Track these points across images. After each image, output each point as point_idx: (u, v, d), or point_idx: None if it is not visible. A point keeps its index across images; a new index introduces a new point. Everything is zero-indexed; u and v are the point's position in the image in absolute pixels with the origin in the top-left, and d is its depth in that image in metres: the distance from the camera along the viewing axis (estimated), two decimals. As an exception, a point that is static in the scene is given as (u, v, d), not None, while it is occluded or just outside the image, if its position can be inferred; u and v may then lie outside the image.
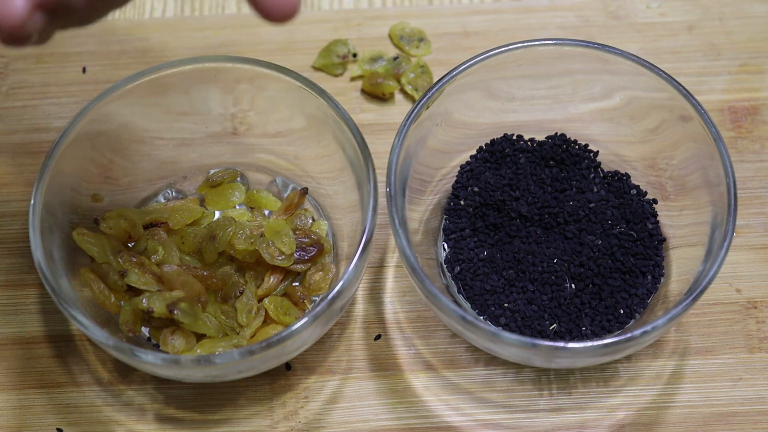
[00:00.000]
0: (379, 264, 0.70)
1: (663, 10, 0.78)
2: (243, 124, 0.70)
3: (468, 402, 0.66)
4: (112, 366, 0.67)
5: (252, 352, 0.59)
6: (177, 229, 0.67)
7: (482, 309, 0.66)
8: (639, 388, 0.66)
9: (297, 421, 0.65)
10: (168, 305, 0.62)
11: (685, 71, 0.76)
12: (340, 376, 0.67)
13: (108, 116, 0.65)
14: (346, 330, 0.68)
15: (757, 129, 0.74)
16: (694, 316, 0.68)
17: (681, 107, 0.65)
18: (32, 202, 0.62)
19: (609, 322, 0.65)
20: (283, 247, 0.64)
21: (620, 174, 0.69)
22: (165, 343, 0.63)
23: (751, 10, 0.78)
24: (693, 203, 0.66)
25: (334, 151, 0.66)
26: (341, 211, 0.68)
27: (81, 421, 0.65)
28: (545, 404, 0.66)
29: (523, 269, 0.66)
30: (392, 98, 0.75)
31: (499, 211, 0.67)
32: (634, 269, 0.66)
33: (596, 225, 0.67)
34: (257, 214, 0.69)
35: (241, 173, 0.70)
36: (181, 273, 0.63)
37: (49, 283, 0.60)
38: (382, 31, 0.78)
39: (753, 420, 0.65)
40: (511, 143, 0.69)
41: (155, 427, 0.65)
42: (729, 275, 0.69)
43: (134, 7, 0.78)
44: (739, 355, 0.67)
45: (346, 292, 0.61)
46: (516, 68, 0.67)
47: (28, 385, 0.66)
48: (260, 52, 0.76)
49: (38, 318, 0.68)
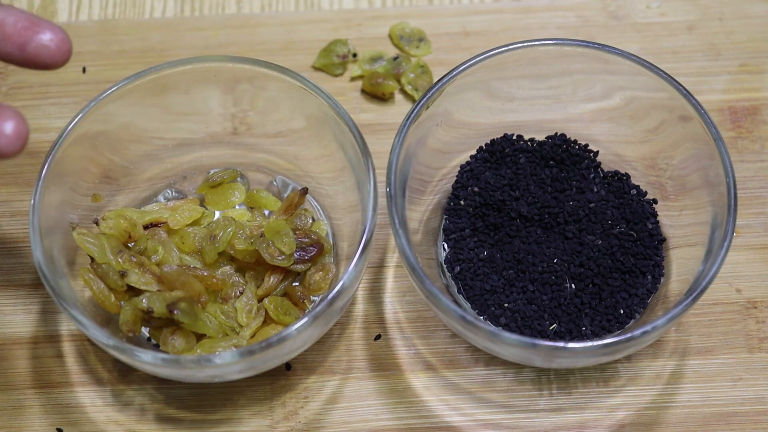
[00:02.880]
0: (379, 264, 0.70)
1: (663, 10, 0.78)
2: (243, 124, 0.70)
3: (468, 402, 0.66)
4: (112, 366, 0.67)
5: (252, 352, 0.59)
6: (177, 229, 0.67)
7: (482, 309, 0.66)
8: (639, 388, 0.66)
9: (297, 421, 0.65)
10: (168, 305, 0.62)
11: (685, 71, 0.76)
12: (340, 376, 0.67)
13: (108, 116, 0.65)
14: (346, 330, 0.68)
15: (757, 129, 0.74)
16: (694, 316, 0.68)
17: (681, 107, 0.65)
18: (32, 202, 0.62)
19: (609, 322, 0.65)
20: (283, 247, 0.64)
21: (620, 174, 0.69)
22: (165, 343, 0.63)
23: (751, 10, 0.78)
24: (693, 203, 0.66)
25: (334, 151, 0.66)
26: (341, 211, 0.68)
27: (81, 421, 0.65)
28: (545, 404, 0.66)
29: (523, 269, 0.66)
30: (392, 98, 0.75)
31: (499, 211, 0.67)
32: (634, 269, 0.66)
33: (596, 225, 0.67)
34: (257, 214, 0.69)
35: (241, 173, 0.70)
36: (181, 273, 0.63)
37: (49, 283, 0.60)
38: (382, 31, 0.78)
39: (753, 420, 0.65)
40: (511, 143, 0.69)
41: (155, 427, 0.65)
42: (729, 275, 0.69)
43: (134, 7, 0.78)
44: (739, 355, 0.67)
45: (346, 292, 0.61)
46: (516, 68, 0.67)
47: (28, 385, 0.66)
48: (260, 52, 0.76)
49: (38, 318, 0.68)
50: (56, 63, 0.54)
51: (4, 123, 0.52)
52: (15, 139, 0.52)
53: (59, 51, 0.54)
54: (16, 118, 0.52)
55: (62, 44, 0.54)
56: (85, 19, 0.78)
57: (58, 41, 0.54)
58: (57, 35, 0.54)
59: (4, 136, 0.52)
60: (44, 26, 0.54)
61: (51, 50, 0.54)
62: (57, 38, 0.54)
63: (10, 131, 0.52)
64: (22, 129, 0.52)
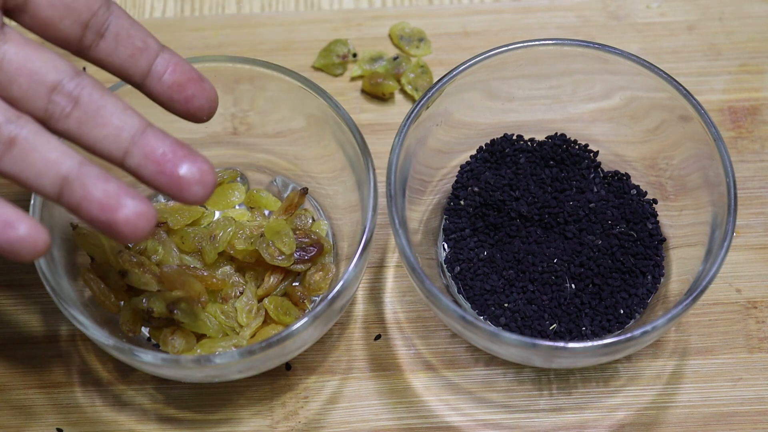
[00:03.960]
0: (379, 264, 0.70)
1: (663, 10, 0.78)
2: (243, 124, 0.70)
3: (468, 402, 0.66)
4: (112, 366, 0.67)
5: (252, 352, 0.59)
6: (177, 229, 0.67)
7: (482, 309, 0.66)
8: (639, 388, 0.66)
9: (297, 421, 0.65)
10: (168, 305, 0.62)
11: (685, 71, 0.76)
12: (340, 376, 0.67)
13: (108, 116, 0.65)
14: (346, 330, 0.68)
15: (757, 129, 0.74)
16: (694, 316, 0.68)
17: (681, 107, 0.65)
18: (32, 202, 0.62)
19: (609, 322, 0.65)
20: (283, 247, 0.64)
21: (620, 174, 0.69)
22: (165, 343, 0.63)
23: (751, 10, 0.78)
24: (693, 203, 0.66)
25: (334, 151, 0.66)
26: (341, 211, 0.68)
27: (81, 421, 0.65)
28: (545, 404, 0.66)
29: (523, 269, 0.66)
30: (392, 98, 0.75)
31: (499, 211, 0.67)
32: (634, 269, 0.66)
33: (596, 225, 0.67)
34: (257, 214, 0.69)
35: (241, 173, 0.70)
36: (181, 273, 0.63)
37: (49, 283, 0.60)
38: (382, 31, 0.78)
39: (753, 420, 0.65)
40: (511, 143, 0.69)
41: (155, 427, 0.65)
42: (729, 275, 0.69)
43: (134, 7, 0.78)
44: (739, 355, 0.67)
45: (346, 292, 0.61)
46: (516, 68, 0.67)
47: (28, 385, 0.66)
48: (260, 52, 0.76)
49: (38, 318, 0.68)
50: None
51: (194, 169, 0.53)
52: (206, 189, 0.53)
53: (210, 108, 0.57)
54: (206, 166, 0.53)
55: (214, 105, 0.57)
56: (85, 19, 0.78)
57: (210, 103, 0.57)
58: (210, 97, 0.57)
59: (198, 187, 0.53)
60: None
61: (205, 110, 0.57)
62: (210, 101, 0.57)
63: (199, 179, 0.53)
64: (209, 177, 0.53)
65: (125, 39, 0.55)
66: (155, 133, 0.53)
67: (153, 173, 0.52)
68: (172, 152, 0.53)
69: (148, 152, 0.52)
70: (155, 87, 0.56)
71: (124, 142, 0.53)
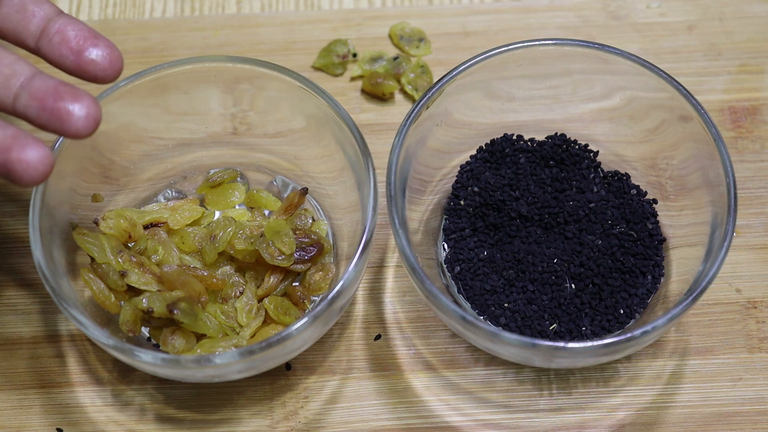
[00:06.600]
0: (379, 264, 0.70)
1: (663, 10, 0.78)
2: (243, 124, 0.70)
3: (468, 402, 0.66)
4: (112, 366, 0.67)
5: (252, 352, 0.59)
6: (177, 229, 0.67)
7: (482, 309, 0.66)
8: (639, 388, 0.66)
9: (297, 421, 0.65)
10: (168, 305, 0.62)
11: (685, 71, 0.76)
12: (340, 376, 0.67)
13: (108, 116, 0.65)
14: (346, 330, 0.68)
15: (757, 129, 0.74)
16: (694, 316, 0.68)
17: (681, 107, 0.65)
18: (32, 202, 0.62)
19: (609, 322, 0.65)
20: (283, 247, 0.64)
21: (620, 174, 0.69)
22: (165, 343, 0.63)
23: (751, 10, 0.78)
24: (693, 203, 0.66)
25: (334, 151, 0.66)
26: (341, 211, 0.68)
27: (81, 421, 0.65)
28: (545, 404, 0.66)
29: (523, 269, 0.66)
30: (392, 98, 0.75)
31: (499, 211, 0.67)
32: (634, 269, 0.66)
33: (596, 225, 0.67)
34: (257, 214, 0.69)
35: (241, 173, 0.70)
36: (181, 273, 0.63)
37: (49, 283, 0.60)
38: (382, 31, 0.78)
39: (753, 420, 0.65)
40: (511, 143, 0.69)
41: (155, 427, 0.65)
42: (729, 275, 0.69)
43: (134, 7, 0.78)
44: (739, 355, 0.67)
45: (346, 292, 0.61)
46: (516, 68, 0.67)
47: (28, 385, 0.66)
48: (260, 52, 0.76)
49: (38, 318, 0.68)
50: (107, 77, 0.57)
51: (77, 105, 0.54)
52: (87, 120, 0.54)
53: (111, 67, 0.57)
54: (89, 100, 0.54)
55: (115, 61, 0.57)
56: (85, 18, 0.78)
57: (112, 57, 0.57)
58: (112, 52, 0.57)
59: (79, 119, 0.54)
60: (102, 41, 0.57)
61: (103, 65, 0.57)
62: (112, 54, 0.57)
63: (82, 113, 0.54)
64: (92, 111, 0.54)
65: (17, 3, 0.57)
66: (42, 77, 0.55)
67: (37, 110, 0.54)
68: (54, 89, 0.54)
69: (33, 92, 0.54)
70: (47, 48, 0.57)
71: (13, 88, 0.55)
